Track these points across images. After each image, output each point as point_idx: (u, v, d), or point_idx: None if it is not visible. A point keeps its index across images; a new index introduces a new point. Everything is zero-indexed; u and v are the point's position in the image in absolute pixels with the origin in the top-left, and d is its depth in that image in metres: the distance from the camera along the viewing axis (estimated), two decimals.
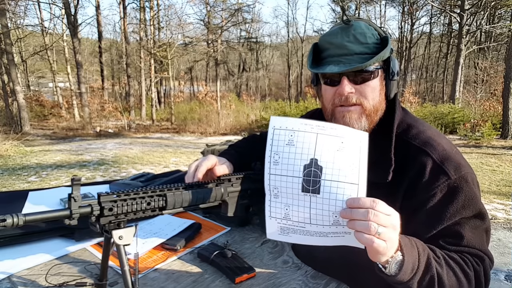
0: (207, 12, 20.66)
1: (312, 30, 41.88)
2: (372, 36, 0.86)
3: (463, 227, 0.80)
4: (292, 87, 27.06)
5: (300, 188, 0.70)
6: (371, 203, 0.64)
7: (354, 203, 0.65)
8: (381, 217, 0.63)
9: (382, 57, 0.84)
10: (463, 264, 0.77)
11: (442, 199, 0.81)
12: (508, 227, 3.93)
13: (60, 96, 17.96)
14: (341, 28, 0.87)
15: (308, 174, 0.69)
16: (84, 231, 1.09)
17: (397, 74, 0.90)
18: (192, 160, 4.69)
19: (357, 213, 0.64)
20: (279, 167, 0.73)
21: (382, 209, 0.64)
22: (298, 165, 0.70)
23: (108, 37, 24.91)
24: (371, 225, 0.62)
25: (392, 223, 0.64)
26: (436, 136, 0.89)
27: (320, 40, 0.92)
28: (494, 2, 15.48)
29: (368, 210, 0.63)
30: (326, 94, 0.91)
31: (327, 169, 0.68)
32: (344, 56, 0.85)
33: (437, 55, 25.38)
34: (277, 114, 13.39)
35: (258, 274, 0.94)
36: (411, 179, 0.84)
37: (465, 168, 0.83)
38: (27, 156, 7.64)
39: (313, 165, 0.69)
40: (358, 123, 0.88)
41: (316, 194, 0.69)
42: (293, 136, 0.72)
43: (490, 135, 9.43)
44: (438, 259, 0.75)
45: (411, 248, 0.70)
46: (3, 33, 11.76)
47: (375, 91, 0.88)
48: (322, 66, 0.88)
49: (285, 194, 0.73)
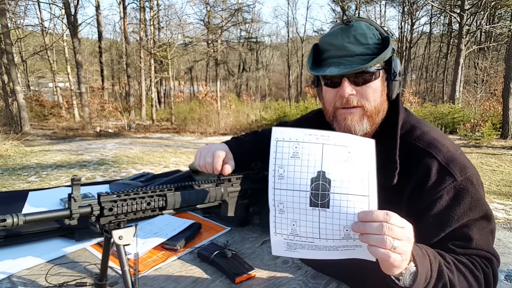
0: (207, 12, 20.66)
1: (312, 30, 41.96)
2: (373, 37, 0.85)
3: (471, 229, 0.80)
4: (292, 87, 27.05)
5: (308, 203, 0.67)
6: (384, 216, 0.62)
7: (366, 216, 0.63)
8: (396, 230, 0.61)
9: (383, 58, 0.83)
10: (472, 267, 0.77)
11: (449, 202, 0.80)
12: (508, 227, 3.93)
13: (60, 96, 17.96)
14: (341, 28, 0.87)
15: (316, 187, 0.66)
16: (84, 231, 1.09)
17: (399, 75, 0.89)
18: (192, 160, 4.69)
19: (371, 227, 0.62)
20: (285, 181, 0.69)
21: (396, 222, 0.62)
22: (305, 179, 0.67)
23: (108, 37, 24.98)
24: (387, 239, 0.60)
25: (407, 236, 0.63)
26: (440, 137, 0.88)
27: (320, 41, 0.91)
28: (494, 2, 15.47)
29: (382, 223, 0.61)
30: (327, 95, 0.91)
31: (335, 181, 0.65)
32: (344, 57, 0.84)
33: (437, 55, 25.38)
34: (277, 114, 13.39)
35: (258, 274, 0.94)
36: (417, 181, 0.83)
37: (470, 169, 0.83)
38: (27, 156, 7.63)
39: (321, 178, 0.66)
40: (359, 125, 0.87)
41: (326, 208, 0.66)
42: (297, 148, 0.68)
43: (490, 135, 9.42)
44: (448, 265, 0.74)
45: (423, 258, 0.69)
46: (3, 33, 11.75)
47: (376, 92, 0.87)
48: (323, 68, 0.87)
49: (292, 209, 0.69)
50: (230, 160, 1.04)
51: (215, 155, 1.00)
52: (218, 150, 1.01)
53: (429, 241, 0.81)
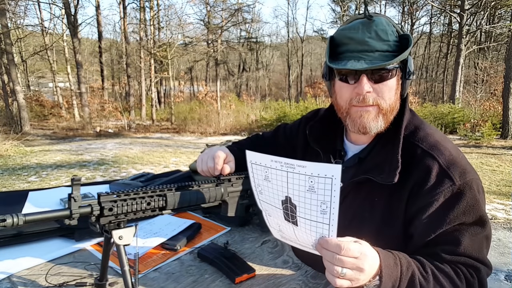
0: (207, 12, 20.67)
1: (312, 30, 41.95)
2: (392, 33, 0.84)
3: (462, 233, 0.80)
4: (292, 87, 27.05)
5: (283, 217, 0.74)
6: (336, 248, 0.65)
7: (323, 244, 0.68)
8: (346, 261, 0.65)
9: (404, 56, 0.82)
10: (453, 276, 0.77)
11: (444, 204, 0.80)
12: (508, 227, 3.93)
13: (60, 96, 17.94)
14: (362, 23, 0.84)
15: (286, 208, 0.72)
16: (84, 231, 1.09)
17: (413, 73, 0.88)
18: (192, 160, 4.68)
19: (326, 254, 0.67)
20: (263, 197, 0.77)
21: (348, 253, 0.65)
22: (277, 200, 0.73)
23: (108, 37, 24.95)
24: (335, 268, 0.66)
25: (358, 266, 0.66)
26: (443, 140, 0.88)
27: (337, 34, 0.88)
28: (494, 2, 15.47)
29: (333, 254, 0.66)
30: (342, 91, 0.89)
31: (299, 208, 0.69)
32: (364, 52, 0.82)
33: (437, 55, 25.38)
34: (277, 114, 13.39)
35: (258, 274, 0.94)
36: (416, 181, 0.83)
37: (470, 174, 0.82)
38: (27, 156, 7.64)
39: (289, 202, 0.71)
40: (375, 123, 0.87)
41: (295, 225, 0.72)
42: (267, 172, 0.72)
43: (490, 135, 9.42)
44: (425, 274, 0.75)
45: (393, 269, 0.71)
46: (3, 33, 11.75)
47: (391, 90, 0.86)
48: (342, 61, 0.85)
49: (276, 217, 0.77)
50: (231, 161, 1.04)
51: (215, 157, 1.01)
52: (218, 152, 1.02)
53: (421, 242, 0.82)
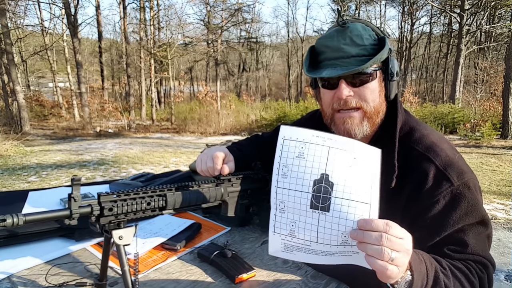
0: (207, 12, 20.66)
1: (312, 30, 41.89)
2: (370, 37, 0.85)
3: (466, 234, 0.80)
4: (292, 87, 27.04)
5: (308, 204, 0.66)
6: (384, 227, 0.60)
7: (366, 225, 0.62)
8: (395, 241, 0.60)
9: (380, 58, 0.83)
10: (468, 273, 0.77)
11: (445, 206, 0.80)
12: (508, 227, 3.93)
13: (60, 96, 17.94)
14: (336, 30, 0.86)
15: (318, 190, 0.65)
16: (84, 231, 1.09)
17: (396, 75, 0.89)
18: (192, 160, 4.69)
19: (369, 236, 0.61)
20: (288, 180, 0.68)
21: (395, 232, 0.61)
22: (308, 180, 0.66)
23: (108, 37, 24.95)
24: (385, 250, 0.59)
25: (406, 248, 0.62)
26: (439, 141, 0.88)
27: (316, 43, 0.91)
28: (494, 2, 15.46)
29: (381, 234, 0.60)
30: (325, 97, 0.91)
31: (338, 185, 0.64)
32: (340, 59, 0.84)
33: (437, 55, 25.36)
34: (277, 114, 13.38)
35: (258, 274, 0.94)
36: (414, 185, 0.83)
37: (467, 174, 0.83)
38: (27, 156, 7.63)
39: (324, 181, 0.65)
40: (359, 128, 0.87)
41: (326, 212, 0.65)
42: (303, 148, 0.67)
43: (490, 135, 9.42)
44: (444, 270, 0.74)
45: (419, 265, 0.68)
46: (3, 33, 11.75)
47: (374, 93, 0.87)
48: (319, 70, 0.87)
49: (292, 210, 0.69)
50: (230, 161, 1.04)
51: (214, 157, 1.01)
52: (217, 152, 1.02)
53: (425, 245, 0.81)
